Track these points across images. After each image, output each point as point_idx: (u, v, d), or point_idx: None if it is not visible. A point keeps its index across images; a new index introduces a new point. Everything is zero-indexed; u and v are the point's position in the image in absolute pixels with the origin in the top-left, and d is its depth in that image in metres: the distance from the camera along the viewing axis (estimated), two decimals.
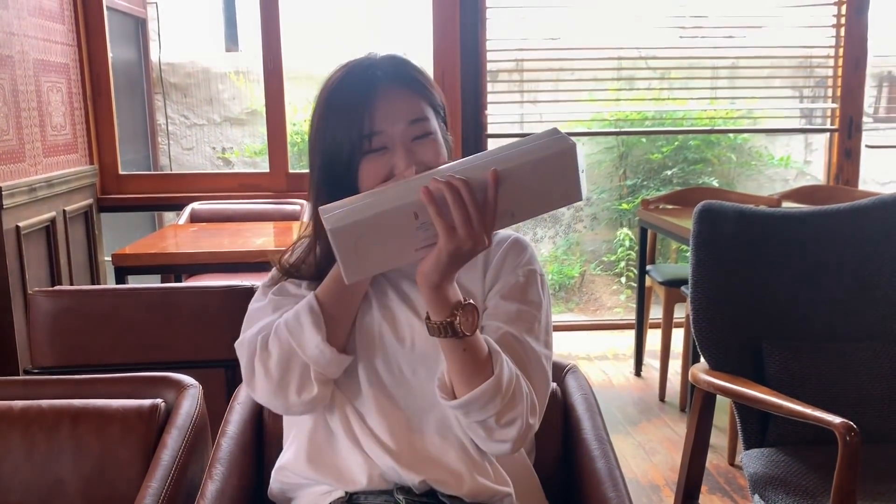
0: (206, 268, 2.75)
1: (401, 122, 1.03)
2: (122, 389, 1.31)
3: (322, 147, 1.06)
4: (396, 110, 1.03)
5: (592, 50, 3.80)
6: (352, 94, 1.04)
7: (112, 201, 3.52)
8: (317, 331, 1.03)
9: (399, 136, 1.03)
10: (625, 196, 5.79)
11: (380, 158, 1.03)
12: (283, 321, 1.06)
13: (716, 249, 1.89)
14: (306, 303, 1.06)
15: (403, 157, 1.02)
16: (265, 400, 1.09)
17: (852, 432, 1.39)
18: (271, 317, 1.09)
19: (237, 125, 5.57)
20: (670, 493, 2.45)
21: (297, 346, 1.04)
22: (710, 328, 1.85)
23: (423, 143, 1.04)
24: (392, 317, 1.11)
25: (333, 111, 1.05)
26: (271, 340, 1.06)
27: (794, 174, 5.66)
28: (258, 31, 3.51)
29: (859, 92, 3.79)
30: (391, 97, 1.04)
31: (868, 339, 1.89)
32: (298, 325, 1.04)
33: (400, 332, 1.10)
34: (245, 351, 1.08)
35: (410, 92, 1.06)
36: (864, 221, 1.97)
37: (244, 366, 1.08)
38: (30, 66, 2.87)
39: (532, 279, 1.14)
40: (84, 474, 1.22)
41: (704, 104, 4.30)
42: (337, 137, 1.04)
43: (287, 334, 1.05)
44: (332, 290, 1.06)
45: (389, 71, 1.06)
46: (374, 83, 1.04)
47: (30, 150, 2.86)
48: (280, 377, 1.05)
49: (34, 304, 1.84)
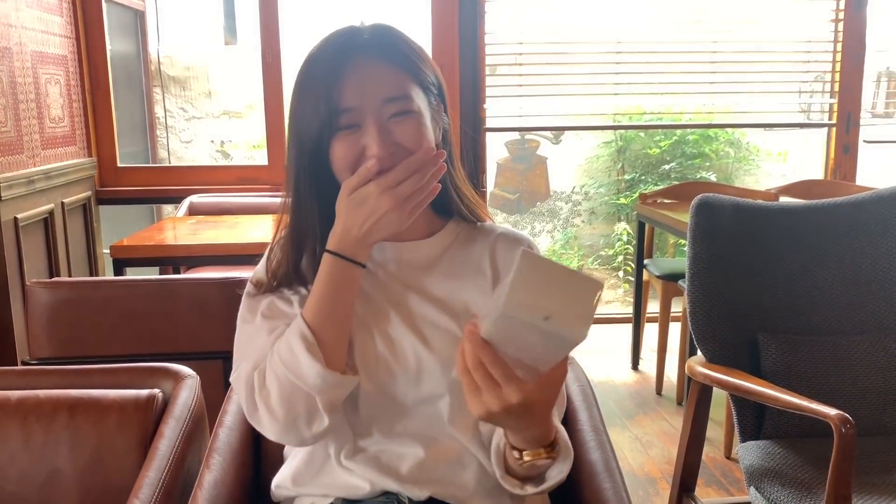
0: (204, 260, 2.75)
1: (375, 98, 0.93)
2: (120, 380, 1.31)
3: (294, 124, 0.97)
4: (371, 84, 0.93)
5: (591, 44, 3.79)
6: (324, 64, 0.94)
7: (110, 194, 3.51)
8: (313, 359, 0.93)
9: (372, 112, 0.93)
10: (623, 190, 5.80)
11: (350, 136, 0.94)
12: (276, 353, 0.96)
13: (712, 243, 1.89)
14: (296, 329, 0.95)
15: (376, 138, 0.92)
16: (275, 438, 0.99)
17: (848, 424, 1.39)
18: (265, 341, 1.00)
19: (236, 118, 5.56)
20: (667, 485, 2.45)
21: (295, 378, 0.93)
22: (706, 321, 1.85)
23: (401, 122, 0.94)
24: (392, 344, 1.01)
25: (305, 84, 0.95)
26: (268, 376, 0.96)
27: (793, 169, 5.67)
28: (257, 24, 3.50)
29: (857, 87, 3.78)
30: (366, 70, 0.93)
31: (864, 332, 1.90)
32: (293, 356, 0.94)
33: (404, 360, 1.01)
34: (243, 389, 0.98)
35: (391, 65, 0.95)
36: (860, 215, 1.97)
37: (245, 403, 0.98)
38: (28, 57, 2.87)
39: None
40: (81, 464, 1.22)
41: (703, 98, 4.30)
42: (307, 113, 0.94)
43: (283, 368, 0.94)
44: (320, 310, 0.96)
45: (371, 41, 0.96)
46: (350, 54, 0.94)
47: (28, 142, 2.86)
48: (286, 414, 0.95)
49: (32, 296, 1.84)
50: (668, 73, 3.83)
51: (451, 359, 0.96)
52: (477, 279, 1.06)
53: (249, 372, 0.98)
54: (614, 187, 5.87)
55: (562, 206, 6.03)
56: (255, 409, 0.97)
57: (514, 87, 3.74)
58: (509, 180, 6.13)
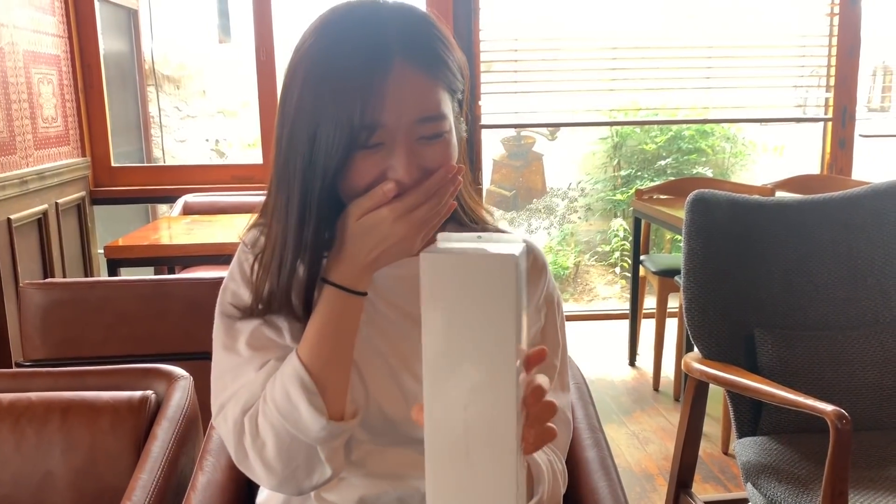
0: (198, 260, 2.74)
1: (409, 116, 0.80)
2: (113, 381, 1.31)
3: (302, 126, 0.81)
4: (407, 101, 0.79)
5: (587, 40, 3.78)
6: (353, 66, 0.78)
7: (105, 194, 3.50)
8: (316, 412, 0.82)
9: (404, 132, 0.80)
10: (619, 186, 5.80)
11: (373, 156, 0.80)
12: (270, 400, 0.84)
13: (708, 238, 1.89)
14: (294, 374, 0.83)
15: (404, 162, 0.80)
16: (270, 489, 0.90)
17: (843, 420, 1.39)
18: (254, 379, 0.87)
19: (230, 117, 5.55)
20: (664, 482, 2.45)
21: (295, 430, 0.83)
22: (702, 317, 1.85)
23: (432, 145, 0.82)
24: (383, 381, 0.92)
25: (326, 86, 0.79)
26: (262, 425, 0.84)
27: (789, 164, 5.67)
28: (251, 23, 3.49)
29: (853, 81, 3.78)
30: (402, 81, 0.79)
31: (860, 326, 1.89)
32: (291, 406, 0.82)
33: (394, 401, 0.92)
34: (231, 435, 0.86)
35: (427, 76, 0.81)
36: (856, 210, 1.97)
37: (233, 449, 0.87)
38: (20, 57, 2.85)
39: (551, 314, 0.98)
40: (74, 467, 1.21)
41: (699, 94, 4.30)
42: (328, 122, 0.79)
43: (280, 418, 0.83)
44: (320, 350, 0.84)
45: (406, 38, 0.80)
46: (386, 56, 0.78)
47: (20, 143, 2.84)
48: (283, 468, 0.85)
49: (25, 297, 1.83)
50: (663, 68, 3.83)
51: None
52: None
53: (238, 417, 0.86)
54: (610, 183, 5.87)
55: (558, 202, 6.02)
56: (246, 458, 0.86)
57: (510, 84, 3.73)
58: (505, 177, 6.13)
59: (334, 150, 0.79)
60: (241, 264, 0.94)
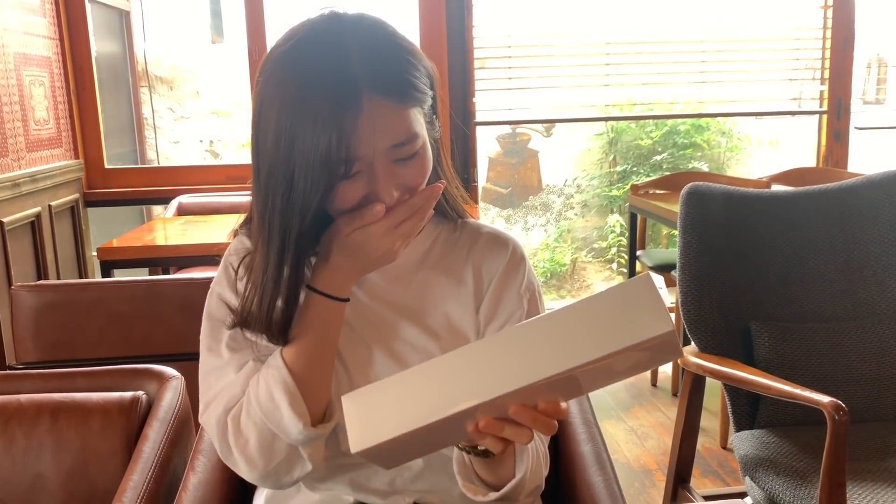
0: (193, 260, 2.73)
1: (383, 145, 0.82)
2: (103, 382, 1.30)
3: (279, 166, 0.82)
4: (380, 132, 0.81)
5: (581, 35, 3.77)
6: (324, 109, 0.79)
7: (98, 195, 3.49)
8: (297, 417, 0.86)
9: (379, 160, 0.83)
10: (615, 182, 5.79)
11: (353, 184, 0.83)
12: (254, 399, 0.88)
13: (703, 231, 1.88)
14: (278, 376, 0.87)
15: (387, 187, 0.83)
16: (254, 482, 0.95)
17: (841, 411, 1.38)
18: (234, 380, 0.92)
19: (224, 117, 5.53)
20: (663, 477, 2.44)
21: (277, 430, 0.87)
22: (698, 310, 1.84)
23: (407, 165, 0.85)
24: (368, 370, 0.95)
25: (297, 128, 0.80)
26: (244, 422, 0.89)
27: (784, 157, 5.67)
28: (243, 23, 3.48)
29: (848, 74, 3.77)
30: (375, 114, 0.80)
31: (857, 318, 1.89)
32: (274, 407, 0.87)
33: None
34: (215, 432, 0.91)
35: (398, 103, 0.82)
36: (851, 201, 1.96)
37: (218, 444, 0.92)
38: (10, 59, 2.84)
39: (534, 301, 1.01)
40: (65, 468, 1.20)
41: (693, 88, 4.29)
42: (301, 162, 0.80)
43: (262, 416, 0.87)
44: (304, 352, 0.88)
45: (372, 69, 0.81)
46: (354, 93, 0.79)
47: (13, 145, 2.83)
48: (266, 464, 0.89)
49: (17, 300, 1.82)
50: (658, 63, 3.82)
51: None
52: (459, 290, 0.98)
53: (221, 415, 0.90)
54: (606, 179, 5.86)
55: (554, 199, 6.02)
56: (230, 454, 0.91)
57: (504, 80, 3.72)
58: (501, 174, 6.11)
59: (312, 190, 0.81)
60: (227, 269, 0.98)
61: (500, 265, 0.99)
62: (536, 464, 0.91)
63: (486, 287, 0.99)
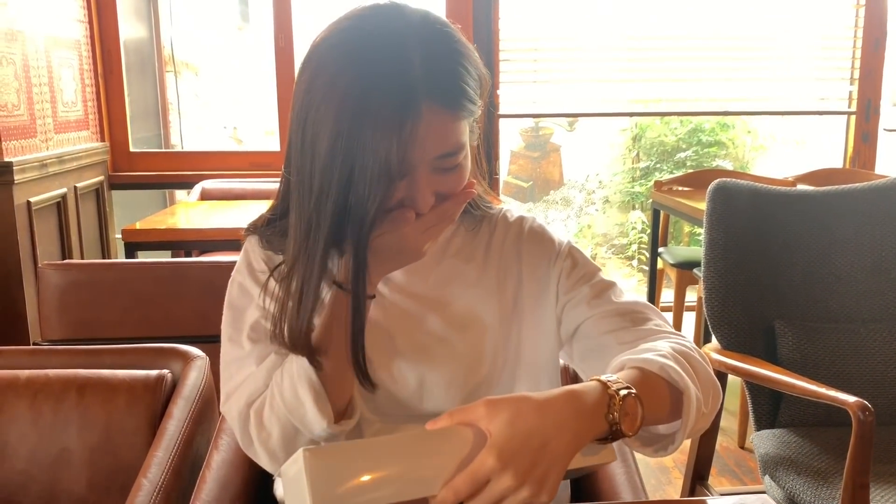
0: (215, 244, 2.74)
1: (431, 154, 0.81)
2: (129, 360, 1.31)
3: (337, 163, 0.78)
4: (432, 141, 0.80)
5: (607, 31, 3.75)
6: (386, 113, 0.76)
7: (123, 178, 3.52)
8: (322, 415, 0.85)
9: (424, 166, 0.81)
10: (637, 179, 5.75)
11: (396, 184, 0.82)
12: (278, 394, 0.87)
13: (729, 228, 1.86)
14: (303, 373, 0.86)
15: (425, 195, 0.82)
16: (274, 473, 0.95)
17: (866, 411, 1.37)
18: (255, 372, 0.91)
19: (248, 103, 5.55)
20: (680, 475, 2.43)
21: (300, 425, 0.87)
22: (722, 307, 1.83)
23: (449, 175, 0.84)
24: (391, 364, 0.95)
25: (359, 130, 0.77)
26: (267, 417, 0.88)
27: (811, 157, 5.61)
28: (270, 9, 3.48)
29: (878, 74, 3.73)
30: (431, 124, 0.79)
31: (883, 319, 1.86)
32: (298, 404, 0.86)
33: (404, 382, 0.95)
34: (237, 424, 0.91)
35: (453, 114, 0.81)
36: (879, 201, 1.94)
37: (239, 435, 0.92)
38: (40, 41, 2.86)
39: (574, 253, 1.00)
40: (90, 443, 1.22)
41: (719, 86, 4.25)
42: (362, 161, 0.77)
43: (286, 412, 0.87)
44: (329, 352, 0.87)
45: (433, 79, 0.78)
46: (415, 101, 0.77)
47: (41, 126, 2.86)
48: (287, 457, 0.84)
49: (43, 278, 1.84)
50: (684, 59, 3.79)
51: (454, 374, 0.94)
52: (480, 278, 0.98)
53: (243, 408, 0.90)
54: (629, 175, 5.83)
55: (575, 194, 5.99)
56: (251, 445, 0.91)
57: (529, 73, 3.71)
58: (522, 168, 6.10)
59: (370, 198, 0.78)
60: (248, 259, 0.97)
61: (530, 248, 0.99)
62: (693, 371, 0.86)
63: (508, 269, 0.99)
